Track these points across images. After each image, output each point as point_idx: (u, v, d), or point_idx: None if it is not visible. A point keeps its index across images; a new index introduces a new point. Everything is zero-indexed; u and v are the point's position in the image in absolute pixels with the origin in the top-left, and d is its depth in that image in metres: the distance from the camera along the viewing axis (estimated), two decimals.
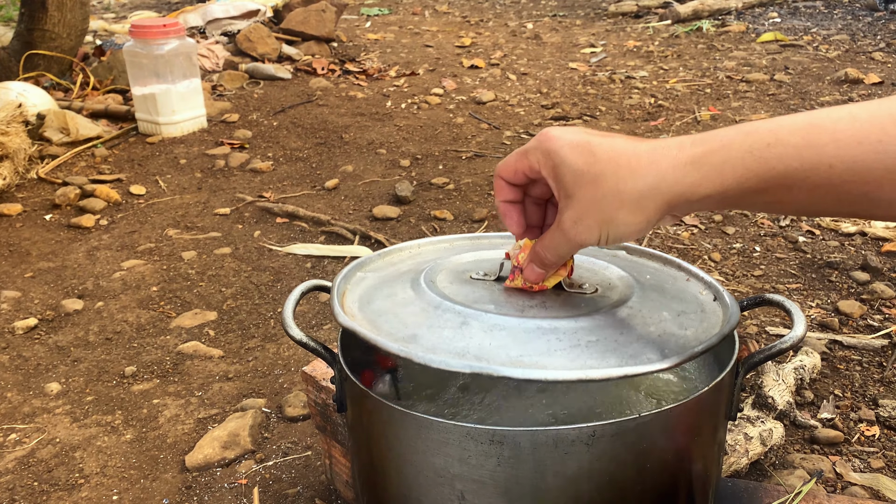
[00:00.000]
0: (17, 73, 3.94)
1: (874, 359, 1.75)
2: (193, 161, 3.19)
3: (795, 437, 1.49)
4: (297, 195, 2.85)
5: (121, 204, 2.80)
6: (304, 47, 4.78)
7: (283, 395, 1.70)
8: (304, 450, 1.53)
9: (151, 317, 2.09)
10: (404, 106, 3.92)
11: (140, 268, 2.35)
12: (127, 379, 1.82)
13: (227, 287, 2.23)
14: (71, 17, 4.04)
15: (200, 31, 5.01)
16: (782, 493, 1.13)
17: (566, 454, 0.78)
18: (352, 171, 3.04)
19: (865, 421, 1.54)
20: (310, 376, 1.29)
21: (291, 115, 3.71)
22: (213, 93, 3.99)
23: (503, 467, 0.79)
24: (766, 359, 0.91)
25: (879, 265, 2.13)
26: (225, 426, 1.58)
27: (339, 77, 4.45)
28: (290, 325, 0.95)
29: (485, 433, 0.78)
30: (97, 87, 4.00)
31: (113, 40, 4.71)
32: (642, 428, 0.79)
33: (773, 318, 1.93)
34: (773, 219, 2.50)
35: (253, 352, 1.91)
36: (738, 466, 1.34)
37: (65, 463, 1.54)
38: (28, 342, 1.98)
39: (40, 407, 1.72)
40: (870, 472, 1.40)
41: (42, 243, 2.54)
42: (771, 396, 1.49)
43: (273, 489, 1.43)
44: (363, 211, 2.69)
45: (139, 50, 3.38)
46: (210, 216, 2.70)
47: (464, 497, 0.82)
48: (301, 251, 2.41)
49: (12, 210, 2.72)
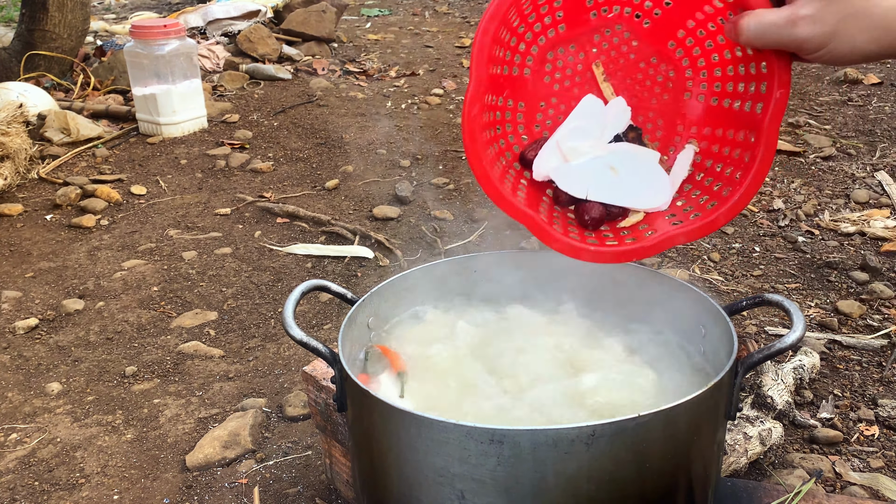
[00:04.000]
0: (18, 73, 3.94)
1: (873, 359, 1.75)
2: (194, 161, 3.19)
3: (795, 437, 1.50)
4: (297, 195, 2.85)
5: (121, 204, 2.80)
6: (304, 48, 4.78)
7: (283, 395, 1.71)
8: (305, 449, 1.53)
9: (152, 317, 2.09)
10: (404, 106, 3.92)
11: (141, 268, 2.35)
12: (127, 379, 1.82)
13: (227, 287, 2.23)
14: (72, 17, 4.04)
15: (201, 31, 5.01)
16: (782, 493, 1.13)
17: (566, 454, 0.78)
18: (352, 172, 3.05)
19: (865, 421, 1.54)
20: (310, 376, 1.29)
21: (292, 116, 3.71)
22: (213, 93, 3.99)
23: (503, 467, 0.79)
24: (766, 358, 0.91)
25: (879, 265, 2.13)
26: (225, 426, 1.58)
27: (340, 77, 4.45)
28: (290, 325, 0.96)
29: (485, 433, 0.78)
30: (98, 87, 4.00)
31: (114, 41, 4.71)
32: (642, 428, 0.80)
33: (772, 318, 1.93)
34: (772, 219, 2.51)
35: (253, 351, 1.91)
36: (737, 466, 1.34)
37: (65, 462, 1.54)
38: (29, 342, 1.98)
39: (41, 407, 1.73)
40: (869, 472, 1.41)
41: (43, 243, 2.54)
42: (770, 396, 1.49)
43: (273, 489, 1.43)
44: (363, 211, 2.69)
45: (140, 50, 3.38)
46: (211, 216, 2.70)
47: (464, 497, 0.82)
48: (301, 251, 2.41)
49: (13, 210, 2.73)
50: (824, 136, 3.21)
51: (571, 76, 1.05)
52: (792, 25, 0.77)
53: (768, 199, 2.65)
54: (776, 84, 0.90)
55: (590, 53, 1.03)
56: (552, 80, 1.05)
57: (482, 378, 1.05)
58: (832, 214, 2.51)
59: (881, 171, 2.82)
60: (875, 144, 3.11)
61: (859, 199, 2.60)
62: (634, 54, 1.03)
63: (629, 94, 1.06)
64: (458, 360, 1.09)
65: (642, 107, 1.07)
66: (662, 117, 1.07)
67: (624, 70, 1.04)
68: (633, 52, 1.03)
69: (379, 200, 2.77)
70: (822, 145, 3.10)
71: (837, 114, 3.50)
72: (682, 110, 1.05)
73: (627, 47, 1.03)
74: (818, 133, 3.25)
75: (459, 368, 1.08)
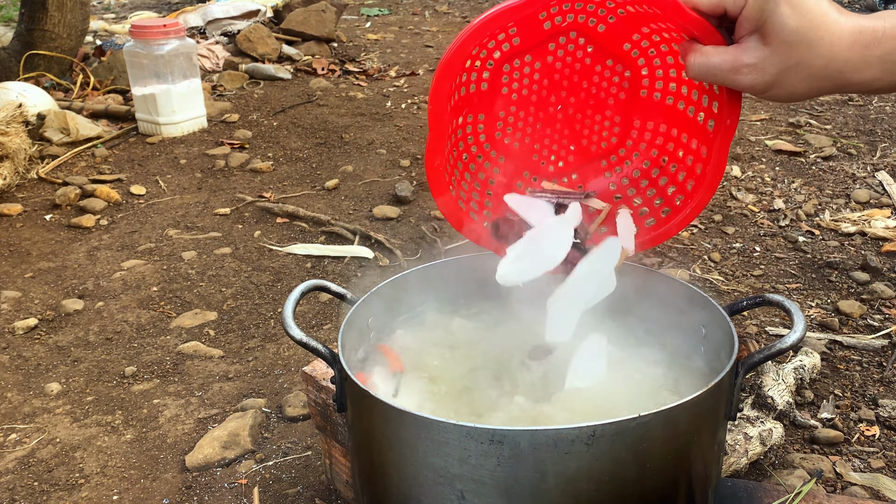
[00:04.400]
0: (18, 73, 3.94)
1: (874, 359, 1.75)
2: (193, 161, 3.19)
3: (795, 437, 1.49)
4: (297, 195, 2.85)
5: (121, 204, 2.80)
6: (304, 47, 4.78)
7: (283, 395, 1.70)
8: (304, 450, 1.53)
9: (151, 317, 2.09)
10: (404, 106, 3.92)
11: (140, 268, 2.35)
12: (127, 379, 1.82)
13: (227, 287, 2.23)
14: (71, 17, 4.04)
15: (200, 31, 5.01)
16: (782, 493, 1.13)
17: (566, 454, 0.78)
18: (352, 172, 3.04)
19: (865, 421, 1.54)
20: (310, 376, 1.29)
21: (291, 116, 3.71)
22: (213, 93, 3.99)
23: (503, 467, 0.79)
24: (766, 359, 0.91)
25: (879, 265, 2.13)
26: (225, 426, 1.58)
27: (340, 77, 4.45)
28: (290, 325, 0.96)
29: (485, 433, 0.78)
30: (97, 87, 4.00)
31: (113, 40, 4.71)
32: (642, 428, 0.79)
33: (772, 318, 1.93)
34: (772, 219, 2.50)
35: (253, 352, 1.91)
36: (737, 466, 1.34)
37: (65, 463, 1.54)
38: (28, 342, 1.98)
39: (40, 407, 1.72)
40: (870, 472, 1.40)
41: (42, 243, 2.54)
42: (770, 396, 1.49)
43: (273, 489, 1.43)
44: (363, 211, 2.69)
45: (139, 50, 3.38)
46: (210, 216, 2.70)
47: (464, 497, 0.82)
48: (301, 251, 2.41)
49: (12, 210, 2.72)
50: (825, 135, 3.21)
51: (529, 85, 1.07)
52: (735, 72, 0.79)
53: (769, 199, 2.65)
54: (726, 112, 0.94)
55: (545, 62, 1.04)
56: (510, 90, 1.07)
57: (482, 378, 1.05)
58: (833, 214, 2.51)
59: (882, 171, 2.82)
60: (875, 144, 3.11)
61: (860, 199, 2.60)
62: (590, 59, 1.05)
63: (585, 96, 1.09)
64: (457, 360, 1.09)
65: (598, 107, 1.10)
66: (619, 114, 1.10)
67: (580, 74, 1.07)
68: (589, 56, 1.05)
69: (379, 200, 2.77)
70: (823, 145, 3.10)
71: (838, 113, 3.50)
72: (638, 106, 1.09)
73: (583, 52, 1.04)
74: (819, 133, 3.25)
75: (459, 368, 1.07)
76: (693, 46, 0.83)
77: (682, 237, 2.39)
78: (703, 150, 1.02)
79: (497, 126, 1.10)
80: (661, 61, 1.03)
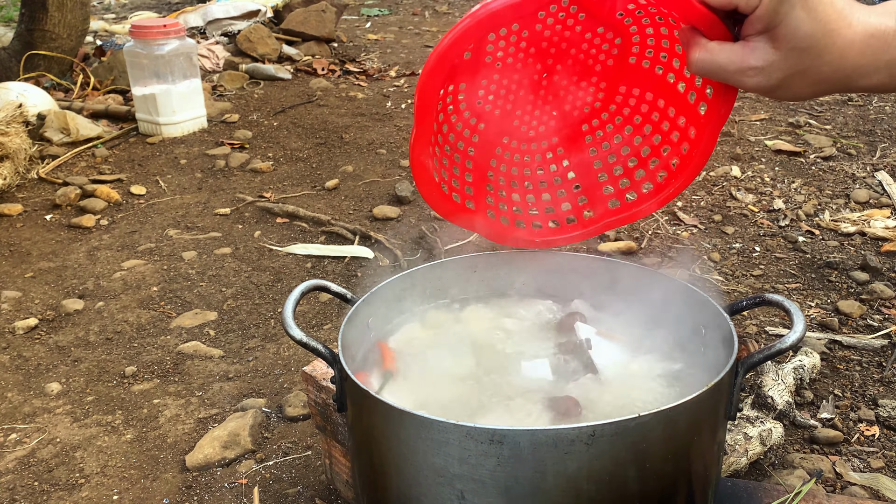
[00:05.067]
0: (18, 73, 3.94)
1: (874, 359, 1.75)
2: (194, 161, 3.19)
3: (795, 437, 1.49)
4: (297, 195, 2.85)
5: (121, 204, 2.80)
6: (304, 48, 4.78)
7: (283, 395, 1.71)
8: (304, 450, 1.53)
9: (152, 317, 2.09)
10: (404, 106, 3.92)
11: (140, 268, 2.35)
12: (127, 379, 1.82)
13: (227, 287, 2.23)
14: (71, 17, 4.04)
15: (201, 31, 5.01)
16: (782, 493, 1.13)
17: (566, 454, 0.78)
18: (352, 172, 3.04)
19: (865, 421, 1.54)
20: (310, 376, 1.29)
21: (292, 116, 3.71)
22: (213, 93, 3.99)
23: (503, 467, 0.79)
24: (766, 359, 0.91)
25: (879, 265, 2.13)
26: (225, 426, 1.58)
27: (340, 77, 4.45)
28: (290, 325, 0.96)
29: (485, 433, 0.78)
30: (97, 87, 4.00)
31: (113, 41, 4.71)
32: (642, 428, 0.79)
33: (772, 318, 1.93)
34: (772, 219, 2.51)
35: (253, 352, 1.91)
36: (737, 466, 1.34)
37: (65, 463, 1.54)
38: (28, 342, 1.98)
39: (41, 407, 1.72)
40: (869, 472, 1.40)
41: (42, 243, 2.54)
42: (770, 396, 1.49)
43: (273, 489, 1.43)
44: (363, 211, 2.69)
45: (139, 50, 3.38)
46: (210, 216, 2.70)
47: (464, 497, 0.82)
48: (301, 251, 2.41)
49: (13, 210, 2.72)
50: (824, 135, 3.21)
51: (514, 53, 1.05)
52: (740, 73, 0.78)
53: (768, 200, 2.65)
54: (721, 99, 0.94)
55: (533, 30, 1.02)
56: (493, 59, 1.05)
57: (481, 378, 1.05)
58: (832, 214, 2.51)
59: (881, 171, 2.82)
60: (875, 144, 3.11)
61: (859, 198, 2.60)
62: (581, 26, 1.03)
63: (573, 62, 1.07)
64: (457, 360, 1.09)
65: (585, 73, 1.09)
66: (605, 80, 1.09)
67: (569, 41, 1.05)
68: (580, 24, 1.03)
69: (379, 200, 2.77)
70: (823, 145, 3.10)
71: (838, 114, 3.50)
72: (625, 73, 1.08)
73: (573, 20, 1.02)
74: (818, 133, 3.25)
75: (458, 368, 1.08)
76: (697, 40, 0.81)
77: (682, 237, 2.40)
78: (691, 130, 1.01)
79: (478, 94, 1.08)
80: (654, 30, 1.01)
